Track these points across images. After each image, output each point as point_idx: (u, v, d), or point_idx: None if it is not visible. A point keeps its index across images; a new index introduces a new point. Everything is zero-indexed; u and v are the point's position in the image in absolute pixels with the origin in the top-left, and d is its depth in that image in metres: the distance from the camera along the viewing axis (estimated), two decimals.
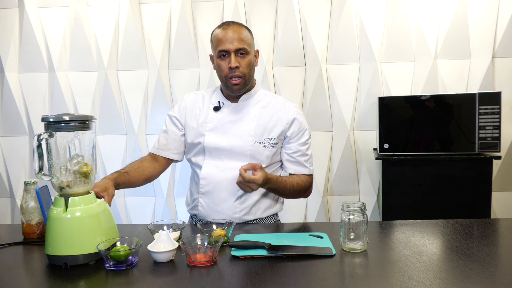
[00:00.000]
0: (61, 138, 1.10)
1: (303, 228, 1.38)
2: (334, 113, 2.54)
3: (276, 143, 1.47)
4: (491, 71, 2.39)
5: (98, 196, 1.19)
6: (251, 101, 1.50)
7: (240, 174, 1.28)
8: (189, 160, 1.56)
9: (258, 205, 1.48)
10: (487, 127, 2.13)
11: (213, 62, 1.48)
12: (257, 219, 1.49)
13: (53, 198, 1.12)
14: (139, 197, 2.67)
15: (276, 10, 2.52)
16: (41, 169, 1.08)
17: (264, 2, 2.52)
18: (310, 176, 1.53)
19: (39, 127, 2.57)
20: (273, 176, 1.40)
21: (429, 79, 2.43)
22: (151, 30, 2.55)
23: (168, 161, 1.57)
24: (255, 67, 1.49)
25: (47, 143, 1.09)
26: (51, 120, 1.08)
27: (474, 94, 2.14)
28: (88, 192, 1.13)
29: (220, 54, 1.41)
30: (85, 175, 1.11)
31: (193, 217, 1.57)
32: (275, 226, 1.43)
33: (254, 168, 1.30)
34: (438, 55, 2.44)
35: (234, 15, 2.47)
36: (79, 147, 1.12)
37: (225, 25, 1.43)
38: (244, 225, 1.43)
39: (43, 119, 1.08)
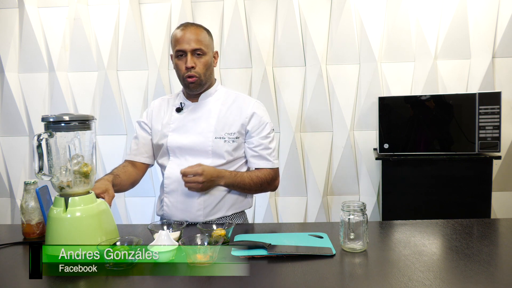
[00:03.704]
0: (61, 138, 1.10)
1: (303, 228, 1.38)
2: (334, 113, 2.54)
3: (237, 138, 1.49)
4: (491, 71, 2.39)
5: (98, 197, 1.19)
6: (211, 99, 1.53)
7: (181, 173, 1.33)
8: (157, 163, 1.59)
9: (224, 201, 1.48)
10: (487, 127, 2.13)
11: (173, 62, 1.51)
12: (223, 217, 1.48)
13: (53, 198, 1.12)
14: (139, 197, 2.66)
15: (276, 10, 2.52)
16: (41, 169, 1.08)
17: (264, 2, 2.52)
18: (274, 169, 1.54)
19: (39, 127, 2.57)
20: (227, 171, 1.43)
21: (429, 79, 2.43)
22: (151, 30, 2.55)
23: (144, 166, 1.59)
24: (214, 68, 1.52)
25: (47, 143, 1.09)
26: (51, 120, 1.08)
27: (474, 94, 2.14)
28: (88, 192, 1.13)
29: (178, 54, 1.45)
30: (85, 175, 1.11)
31: (160, 218, 1.57)
32: (277, 226, 1.43)
33: (193, 169, 1.35)
34: (438, 55, 2.44)
35: (234, 15, 2.47)
36: (79, 147, 1.12)
37: (184, 26, 1.47)
38: (244, 225, 1.43)
39: (43, 119, 1.08)
